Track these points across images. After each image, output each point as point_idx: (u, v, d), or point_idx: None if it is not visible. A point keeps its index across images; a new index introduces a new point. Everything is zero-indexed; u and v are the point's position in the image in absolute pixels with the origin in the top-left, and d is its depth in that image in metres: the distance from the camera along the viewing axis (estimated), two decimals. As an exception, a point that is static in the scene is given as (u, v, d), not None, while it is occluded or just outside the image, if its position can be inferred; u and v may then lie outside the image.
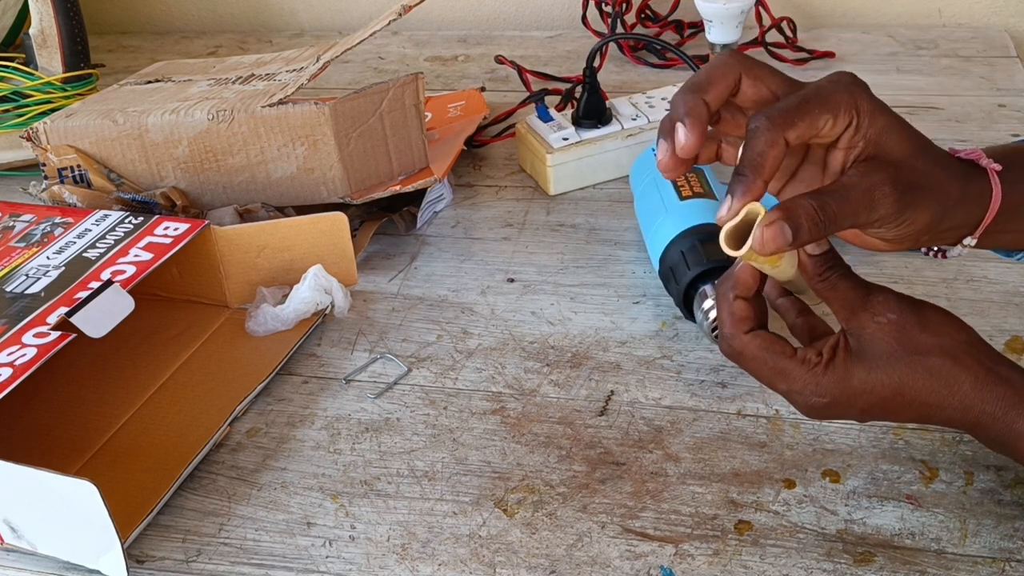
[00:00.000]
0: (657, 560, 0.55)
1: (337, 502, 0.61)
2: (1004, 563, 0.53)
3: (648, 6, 1.21)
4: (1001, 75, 1.05)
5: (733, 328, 0.52)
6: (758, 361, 0.52)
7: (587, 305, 0.76)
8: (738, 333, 0.52)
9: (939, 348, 0.49)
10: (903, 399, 0.50)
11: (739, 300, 0.52)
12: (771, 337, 0.52)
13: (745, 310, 0.52)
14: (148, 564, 0.58)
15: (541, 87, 1.06)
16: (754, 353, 0.52)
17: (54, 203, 0.84)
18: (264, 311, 0.74)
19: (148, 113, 0.83)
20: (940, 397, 0.50)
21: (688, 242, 0.70)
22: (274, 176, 0.82)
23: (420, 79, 0.83)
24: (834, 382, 0.50)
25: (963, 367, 0.49)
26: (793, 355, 0.51)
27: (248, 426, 0.67)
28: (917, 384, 0.49)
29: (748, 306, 0.52)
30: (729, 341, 0.52)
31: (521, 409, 0.66)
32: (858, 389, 0.50)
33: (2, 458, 0.54)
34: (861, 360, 0.50)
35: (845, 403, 0.51)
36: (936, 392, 0.50)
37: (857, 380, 0.50)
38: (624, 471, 0.61)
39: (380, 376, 0.71)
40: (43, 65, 1.05)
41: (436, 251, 0.84)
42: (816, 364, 0.50)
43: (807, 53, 1.12)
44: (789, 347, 0.51)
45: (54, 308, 0.65)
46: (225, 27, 1.45)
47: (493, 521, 0.58)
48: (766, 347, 0.51)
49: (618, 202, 0.88)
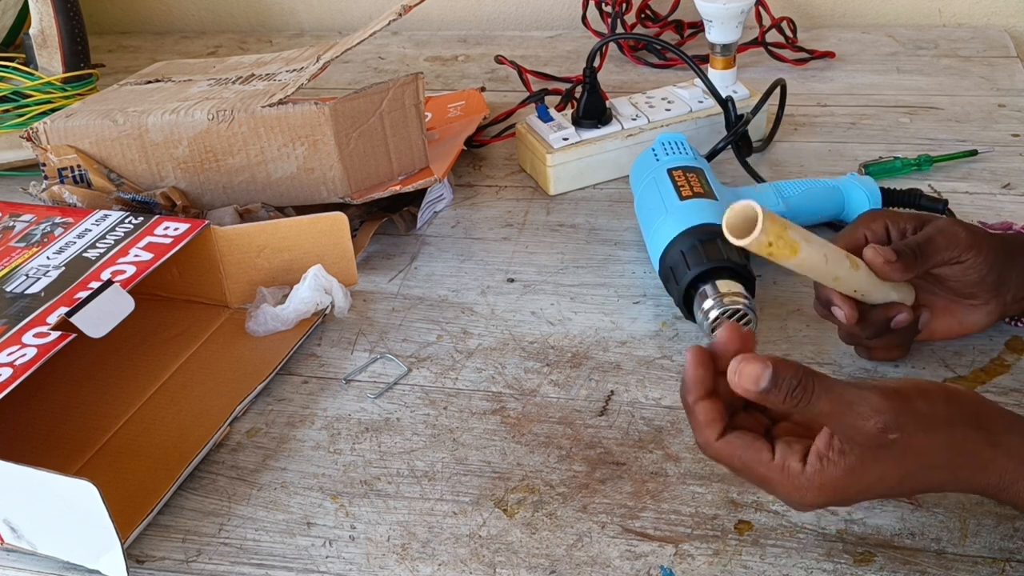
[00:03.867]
0: (657, 560, 0.55)
1: (337, 502, 0.61)
2: (1004, 563, 0.53)
3: (648, 6, 1.21)
4: (1001, 75, 1.05)
5: (704, 436, 0.50)
6: (737, 466, 0.50)
7: (587, 305, 0.76)
8: (711, 441, 0.50)
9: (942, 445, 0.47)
10: (905, 489, 0.50)
11: (700, 403, 0.50)
12: (744, 441, 0.49)
13: (709, 412, 0.49)
14: (148, 564, 0.58)
15: (541, 87, 1.06)
16: (728, 460, 0.50)
17: (54, 203, 0.84)
18: (264, 311, 0.74)
19: (148, 113, 0.83)
20: (943, 483, 0.49)
21: (688, 242, 0.70)
22: (274, 176, 0.82)
23: (420, 79, 0.83)
24: (822, 492, 0.48)
25: (967, 454, 0.48)
26: (771, 461, 0.49)
27: (248, 426, 0.67)
28: (920, 478, 0.48)
29: (711, 406, 0.50)
30: (704, 449, 0.51)
31: (521, 409, 0.66)
32: (854, 493, 0.49)
33: (2, 458, 0.54)
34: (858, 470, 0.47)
35: (838, 502, 0.50)
36: (939, 481, 0.49)
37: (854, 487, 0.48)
38: (624, 471, 0.61)
39: (380, 376, 0.71)
40: (43, 65, 1.05)
41: (436, 251, 0.84)
42: (800, 473, 0.48)
43: (807, 53, 1.12)
44: (766, 451, 0.49)
45: (54, 308, 0.65)
46: (225, 27, 1.45)
47: (493, 521, 0.58)
48: (740, 452, 0.49)
49: (618, 202, 0.88)
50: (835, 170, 0.89)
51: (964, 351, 0.67)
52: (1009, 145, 0.91)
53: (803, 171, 0.90)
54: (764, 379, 0.46)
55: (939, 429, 0.47)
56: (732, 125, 0.88)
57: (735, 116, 0.88)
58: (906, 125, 0.96)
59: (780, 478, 0.48)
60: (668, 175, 0.76)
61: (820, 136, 0.96)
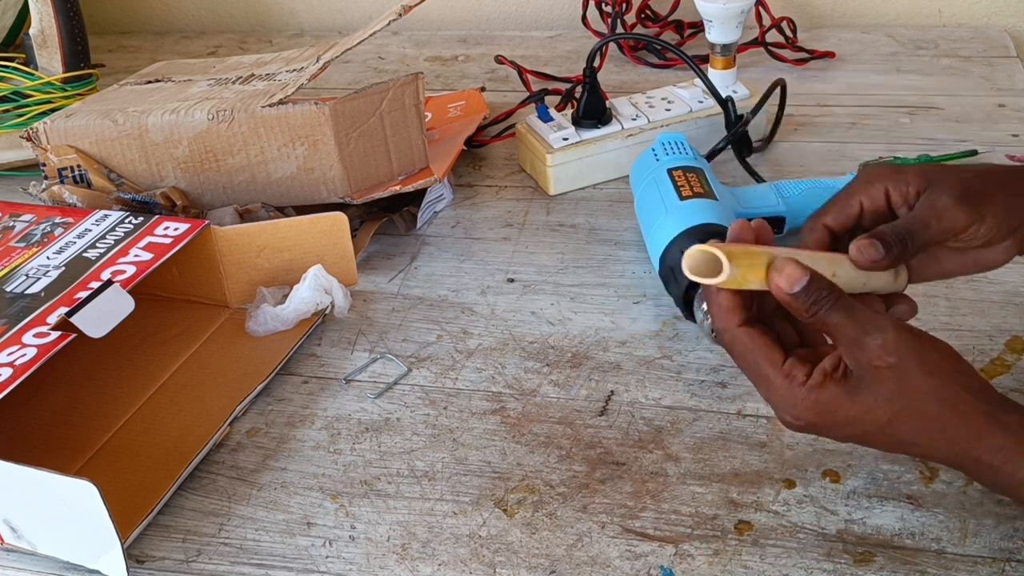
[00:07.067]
0: (657, 560, 0.55)
1: (337, 502, 0.61)
2: (1004, 563, 0.53)
3: (648, 6, 1.21)
4: (1001, 75, 1.05)
5: (724, 321, 0.51)
6: (744, 360, 0.51)
7: (587, 305, 0.76)
8: (729, 326, 0.50)
9: (936, 393, 0.48)
10: (890, 436, 0.49)
11: (723, 291, 0.50)
12: (761, 337, 0.50)
13: (731, 300, 0.50)
14: (148, 564, 0.58)
15: (541, 87, 1.06)
16: (740, 351, 0.50)
17: (54, 203, 0.84)
18: (264, 311, 0.74)
19: (148, 113, 0.83)
20: (930, 439, 0.48)
21: (688, 242, 0.70)
22: (274, 176, 0.82)
23: (420, 79, 0.83)
24: (814, 409, 0.49)
25: (959, 415, 0.48)
26: (780, 364, 0.49)
27: (248, 426, 0.67)
28: (908, 426, 0.48)
29: (733, 296, 0.50)
30: (720, 334, 0.51)
31: (521, 409, 0.66)
32: (843, 420, 0.49)
33: (2, 458, 0.54)
34: (853, 395, 0.48)
35: (824, 428, 0.50)
36: (927, 434, 0.48)
37: (844, 413, 0.48)
38: (624, 471, 0.61)
39: (380, 376, 0.71)
40: (43, 65, 1.05)
41: (436, 251, 0.84)
42: (801, 384, 0.49)
43: (807, 53, 1.12)
44: (779, 353, 0.50)
45: (54, 308, 0.65)
46: (225, 27, 1.45)
47: (493, 521, 0.58)
48: (753, 347, 0.50)
49: (618, 202, 0.88)
50: (835, 170, 0.89)
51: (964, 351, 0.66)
52: (1009, 145, 0.91)
53: (803, 171, 0.90)
54: (800, 283, 0.48)
55: (936, 376, 0.48)
56: (732, 125, 0.88)
57: (735, 116, 0.88)
58: (906, 125, 0.96)
59: (781, 383, 0.49)
60: (668, 175, 0.76)
61: (820, 136, 0.96)
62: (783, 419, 0.51)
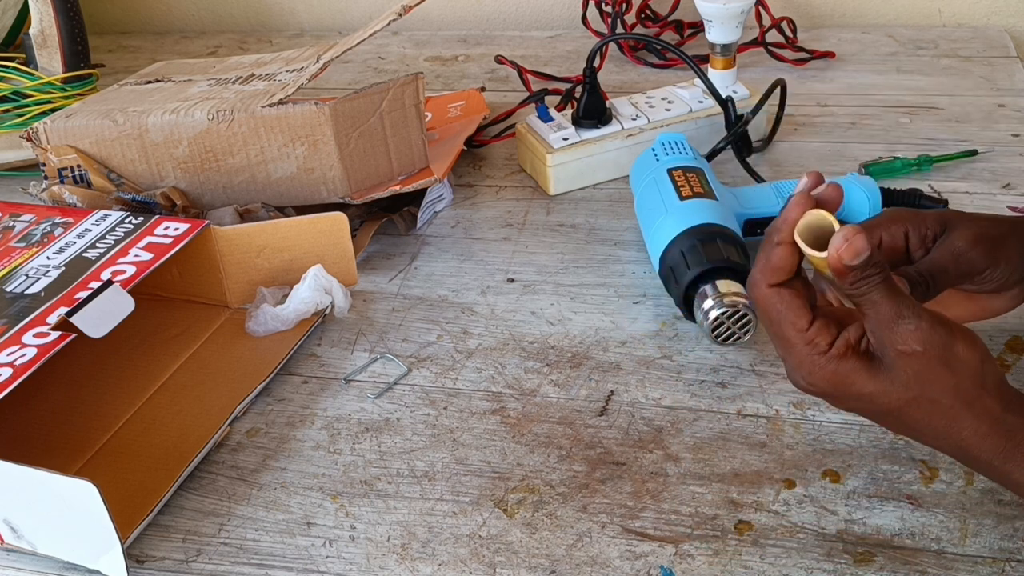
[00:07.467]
0: (657, 560, 0.55)
1: (337, 502, 0.61)
2: (1004, 563, 0.53)
3: (648, 6, 1.21)
4: (1001, 75, 1.05)
5: (760, 274, 0.50)
6: (769, 317, 0.50)
7: (587, 305, 0.76)
8: (762, 282, 0.50)
9: (953, 389, 0.48)
10: (899, 420, 0.49)
11: (785, 246, 0.49)
12: (792, 299, 0.49)
13: (786, 259, 0.49)
14: (148, 564, 0.58)
15: (541, 87, 1.06)
16: (766, 308, 0.50)
17: (54, 203, 0.84)
18: (264, 311, 0.74)
19: (148, 113, 0.83)
20: (936, 432, 0.49)
21: (688, 242, 0.70)
22: (274, 176, 0.82)
23: (420, 79, 0.83)
24: (831, 379, 0.49)
25: (970, 413, 0.48)
26: (804, 329, 0.49)
27: (248, 426, 0.67)
28: (918, 415, 0.48)
29: (787, 256, 0.49)
30: (753, 287, 0.50)
31: (521, 409, 0.66)
32: (855, 394, 0.49)
33: (2, 458, 0.54)
34: (872, 373, 0.48)
35: (834, 398, 0.50)
36: (934, 426, 0.49)
37: (858, 387, 0.49)
38: (624, 471, 0.61)
39: (380, 376, 0.71)
40: (43, 65, 1.05)
41: (436, 251, 0.84)
42: (822, 352, 0.49)
43: (807, 53, 1.12)
44: (806, 317, 0.49)
45: (54, 308, 0.65)
46: (225, 27, 1.45)
47: (493, 521, 0.58)
48: (782, 307, 0.49)
49: (618, 202, 0.88)
50: (835, 170, 0.89)
51: (964, 351, 0.67)
52: (1009, 145, 0.91)
53: (803, 171, 0.89)
54: (861, 257, 0.46)
55: (957, 373, 0.47)
56: (732, 125, 0.88)
57: (735, 116, 0.88)
58: (906, 125, 0.96)
59: (802, 346, 0.49)
60: (668, 175, 0.76)
61: (820, 136, 0.96)
62: (795, 381, 0.51)
